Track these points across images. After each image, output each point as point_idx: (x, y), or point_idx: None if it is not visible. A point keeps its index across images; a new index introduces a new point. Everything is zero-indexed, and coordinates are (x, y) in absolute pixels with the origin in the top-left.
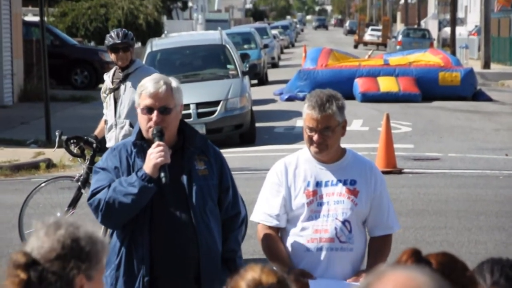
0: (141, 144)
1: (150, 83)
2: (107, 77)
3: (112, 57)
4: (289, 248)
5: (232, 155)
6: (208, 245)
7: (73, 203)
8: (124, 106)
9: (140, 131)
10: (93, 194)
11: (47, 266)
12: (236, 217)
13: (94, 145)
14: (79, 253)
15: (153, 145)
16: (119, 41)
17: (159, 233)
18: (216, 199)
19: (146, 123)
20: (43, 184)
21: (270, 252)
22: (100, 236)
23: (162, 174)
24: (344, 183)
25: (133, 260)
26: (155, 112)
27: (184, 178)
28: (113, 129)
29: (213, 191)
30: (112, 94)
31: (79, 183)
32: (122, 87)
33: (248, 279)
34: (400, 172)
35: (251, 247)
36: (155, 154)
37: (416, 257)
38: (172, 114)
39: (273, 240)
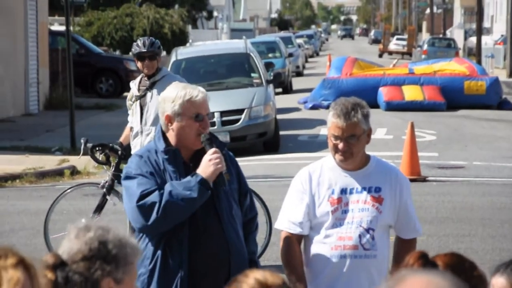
0: (174, 151)
1: (195, 91)
2: (133, 84)
3: (138, 65)
4: (313, 255)
5: (256, 163)
6: (237, 248)
7: (99, 210)
8: (150, 114)
9: (166, 138)
10: (142, 196)
11: (74, 267)
12: (254, 219)
13: (119, 152)
14: (105, 255)
15: (210, 151)
16: (145, 50)
17: (194, 238)
18: (238, 203)
19: (195, 130)
20: (68, 191)
21: (286, 261)
22: (132, 240)
23: (225, 182)
24: (369, 191)
25: (169, 265)
26: (205, 119)
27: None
28: (139, 136)
29: (235, 195)
30: (138, 102)
31: (104, 189)
32: (149, 94)
33: (252, 283)
34: (424, 180)
35: (274, 253)
36: (214, 161)
37: (423, 260)
38: (210, 120)
39: (292, 250)
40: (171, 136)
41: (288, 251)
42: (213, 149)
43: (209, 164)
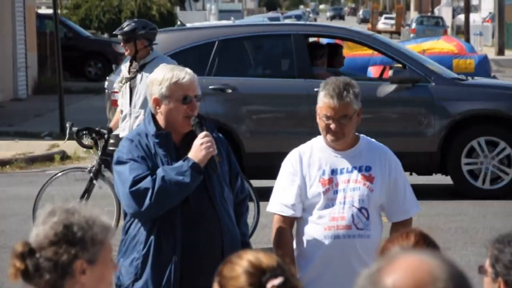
0: (166, 134)
1: (182, 73)
2: (124, 66)
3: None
4: (306, 236)
5: None
6: (230, 230)
7: (86, 194)
8: (139, 96)
9: (156, 121)
10: (135, 182)
11: (42, 253)
12: (244, 201)
13: (106, 136)
14: (71, 238)
15: (201, 135)
16: (119, 32)
17: (188, 222)
18: (229, 185)
19: (182, 113)
20: (55, 176)
21: (277, 244)
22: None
23: (217, 165)
24: (359, 170)
25: (163, 250)
26: (193, 101)
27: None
28: (127, 118)
29: (226, 177)
30: (128, 84)
31: (91, 174)
32: (139, 76)
33: (248, 267)
34: None
35: (265, 236)
36: (205, 145)
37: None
38: (199, 102)
39: (284, 233)
40: (160, 119)
41: (280, 234)
42: (204, 133)
43: (200, 148)
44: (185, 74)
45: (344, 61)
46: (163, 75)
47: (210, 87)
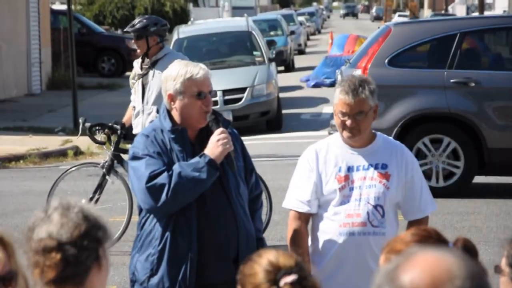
0: (181, 130)
1: (195, 68)
2: (136, 63)
3: None
4: (321, 233)
5: (259, 142)
6: (245, 226)
7: (99, 189)
8: (152, 92)
9: (172, 117)
10: (151, 178)
11: (78, 243)
12: (259, 197)
13: (119, 131)
14: (93, 225)
15: (218, 131)
16: (130, 30)
17: (203, 217)
18: (244, 181)
19: (197, 109)
20: (68, 171)
21: (292, 240)
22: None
23: (233, 162)
24: (376, 167)
25: (179, 245)
26: (208, 97)
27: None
28: (140, 115)
29: (242, 173)
30: (140, 80)
31: (104, 169)
32: (151, 73)
33: (266, 265)
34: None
35: (278, 233)
36: (222, 141)
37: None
38: (212, 98)
39: (299, 230)
40: (176, 115)
41: (296, 230)
42: (221, 129)
43: (217, 145)
44: (199, 69)
45: None
46: (177, 71)
47: (452, 80)
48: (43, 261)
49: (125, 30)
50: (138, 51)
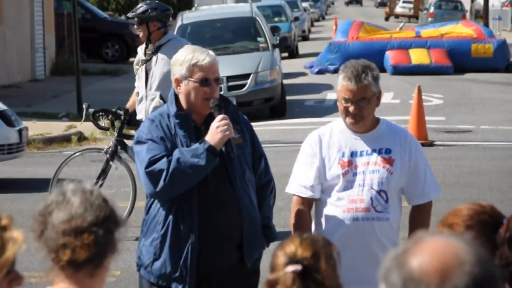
0: (185, 115)
1: (202, 55)
2: (140, 49)
3: None
4: (325, 218)
5: (263, 128)
6: (250, 213)
7: (102, 175)
8: (155, 78)
9: (179, 102)
10: (151, 163)
11: (104, 225)
12: (268, 184)
13: (122, 117)
14: (114, 209)
15: (218, 118)
16: (131, 15)
17: (205, 203)
18: (251, 167)
19: (201, 95)
20: (72, 157)
21: (295, 225)
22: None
23: (233, 149)
24: (379, 152)
25: (180, 230)
26: (213, 84)
27: (222, 148)
28: (144, 101)
29: (249, 159)
30: (144, 66)
31: (108, 155)
32: (154, 58)
33: (286, 251)
34: (431, 144)
35: (282, 219)
36: (222, 128)
37: None
38: (219, 85)
39: (302, 215)
40: (181, 100)
41: (299, 215)
42: (221, 116)
43: (216, 131)
44: (205, 56)
45: (361, 45)
46: (184, 56)
47: None
48: (73, 242)
49: (127, 15)
50: (141, 35)
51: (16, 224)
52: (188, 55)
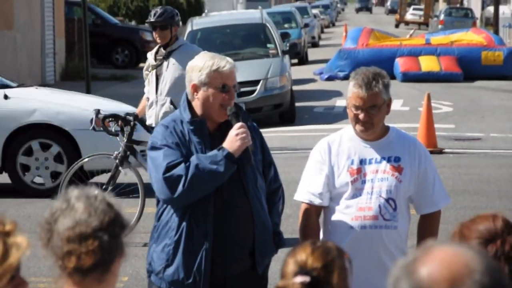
0: (200, 122)
1: (223, 61)
2: (150, 54)
3: (154, 34)
4: (333, 226)
5: (272, 135)
6: (262, 219)
7: (112, 180)
8: (166, 83)
9: (192, 108)
10: (169, 168)
11: (109, 230)
12: (277, 191)
13: (132, 123)
14: (120, 213)
15: (237, 126)
16: (154, 20)
17: (220, 209)
18: (262, 174)
19: (219, 101)
20: (81, 162)
21: (303, 232)
22: None
23: (251, 157)
24: (388, 160)
25: (194, 236)
26: (232, 90)
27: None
28: (154, 106)
29: (260, 166)
30: (154, 71)
31: (117, 160)
32: (165, 64)
33: (297, 259)
34: (440, 152)
35: (290, 226)
36: (241, 135)
37: None
38: (236, 92)
39: (311, 222)
40: (197, 106)
41: (307, 222)
42: (240, 123)
43: (235, 139)
44: (225, 63)
45: (371, 52)
46: (204, 62)
47: None
48: (78, 248)
49: (151, 20)
50: (159, 41)
51: (24, 230)
52: (208, 61)
